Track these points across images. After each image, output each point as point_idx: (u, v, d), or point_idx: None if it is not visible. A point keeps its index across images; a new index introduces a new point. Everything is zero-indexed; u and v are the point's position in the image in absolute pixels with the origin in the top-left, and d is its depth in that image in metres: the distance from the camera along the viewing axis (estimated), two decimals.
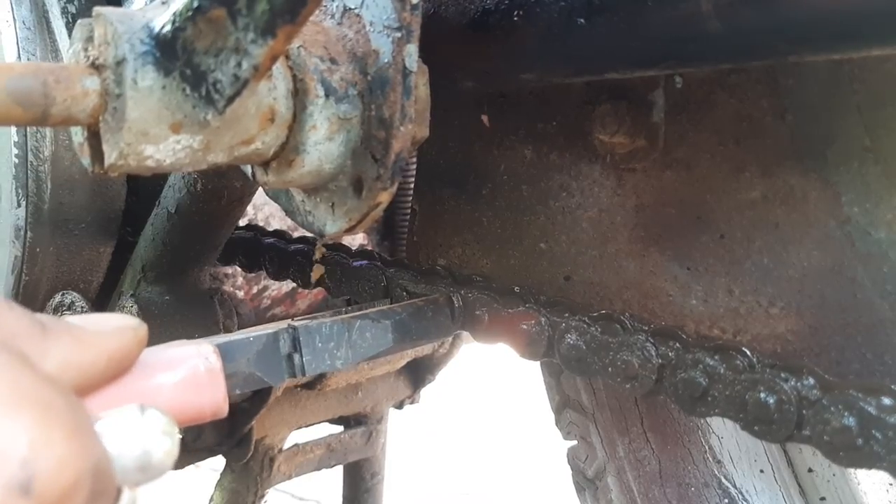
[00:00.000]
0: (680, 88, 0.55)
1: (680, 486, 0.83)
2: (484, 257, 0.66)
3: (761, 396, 0.45)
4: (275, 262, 0.77)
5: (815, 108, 0.51)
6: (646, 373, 0.50)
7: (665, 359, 0.50)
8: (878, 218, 0.50)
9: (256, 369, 0.51)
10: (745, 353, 0.47)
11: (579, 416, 0.95)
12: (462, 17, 0.54)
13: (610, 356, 0.52)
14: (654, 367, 0.50)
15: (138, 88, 0.40)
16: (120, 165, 0.42)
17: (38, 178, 0.78)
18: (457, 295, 0.60)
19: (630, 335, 0.51)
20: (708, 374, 0.48)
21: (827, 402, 0.43)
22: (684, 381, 0.49)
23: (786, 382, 0.45)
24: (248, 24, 0.37)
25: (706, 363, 0.48)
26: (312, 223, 0.53)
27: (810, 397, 0.44)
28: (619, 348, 0.52)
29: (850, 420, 0.42)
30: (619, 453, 0.89)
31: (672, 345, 0.50)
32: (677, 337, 0.50)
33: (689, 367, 0.49)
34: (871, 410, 0.41)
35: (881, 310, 0.50)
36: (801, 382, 0.44)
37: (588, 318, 0.54)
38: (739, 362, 0.47)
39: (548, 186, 0.62)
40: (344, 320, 0.56)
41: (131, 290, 0.78)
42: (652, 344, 0.51)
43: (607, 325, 0.53)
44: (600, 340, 0.53)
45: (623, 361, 0.51)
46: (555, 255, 0.62)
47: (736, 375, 0.47)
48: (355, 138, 0.48)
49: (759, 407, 0.45)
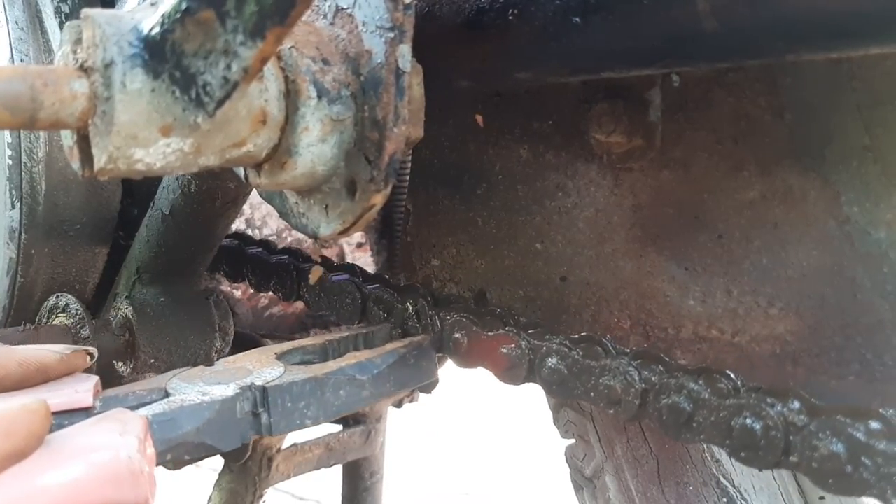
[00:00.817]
0: (677, 87, 0.55)
1: (678, 485, 0.83)
2: (479, 258, 0.65)
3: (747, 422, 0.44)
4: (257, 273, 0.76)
5: (813, 106, 0.51)
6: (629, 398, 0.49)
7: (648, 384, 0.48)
8: (877, 217, 0.49)
9: (208, 437, 0.46)
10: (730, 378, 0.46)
11: (577, 414, 0.94)
12: (457, 16, 0.53)
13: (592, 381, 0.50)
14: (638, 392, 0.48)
15: (127, 91, 0.40)
16: (110, 169, 0.42)
17: (33, 179, 0.78)
18: (435, 317, 0.57)
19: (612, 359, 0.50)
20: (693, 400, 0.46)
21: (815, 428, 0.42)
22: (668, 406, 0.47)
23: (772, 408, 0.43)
24: (237, 26, 0.37)
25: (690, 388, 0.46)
26: (306, 225, 0.52)
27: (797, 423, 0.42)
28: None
29: (839, 447, 0.40)
30: (617, 452, 0.88)
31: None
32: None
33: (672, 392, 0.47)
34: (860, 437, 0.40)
35: (881, 310, 0.49)
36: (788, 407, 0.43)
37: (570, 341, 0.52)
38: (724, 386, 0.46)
39: (544, 186, 0.61)
40: (317, 378, 0.52)
41: (126, 292, 0.77)
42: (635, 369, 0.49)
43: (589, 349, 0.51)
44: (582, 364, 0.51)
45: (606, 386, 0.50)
46: (551, 255, 0.61)
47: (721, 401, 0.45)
48: (349, 140, 0.47)
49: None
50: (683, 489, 0.82)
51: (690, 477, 0.81)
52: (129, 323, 0.76)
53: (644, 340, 0.58)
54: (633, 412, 0.49)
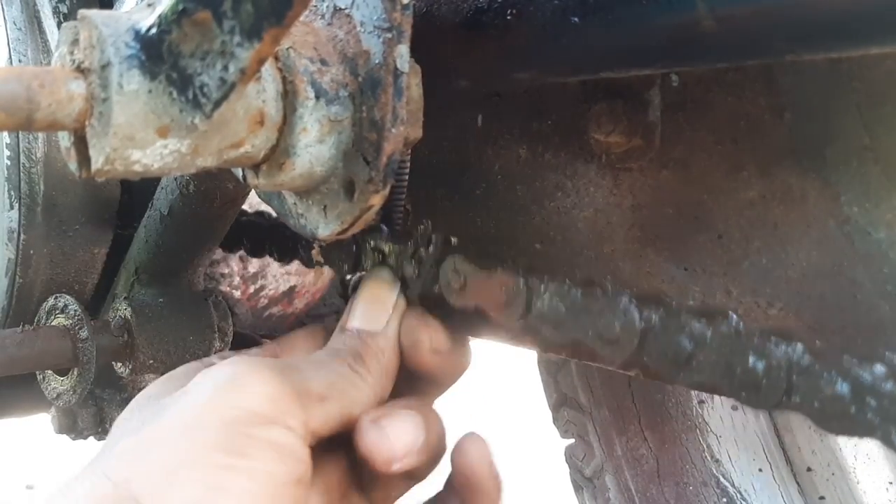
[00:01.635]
0: (677, 87, 0.55)
1: (678, 484, 0.83)
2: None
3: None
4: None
5: (813, 106, 0.51)
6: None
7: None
8: (877, 218, 0.49)
9: None
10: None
11: (577, 413, 0.94)
12: (455, 16, 0.53)
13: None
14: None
15: (124, 92, 0.40)
16: (107, 170, 0.41)
17: (31, 179, 0.78)
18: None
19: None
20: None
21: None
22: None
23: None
24: (234, 27, 0.36)
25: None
26: (305, 226, 0.52)
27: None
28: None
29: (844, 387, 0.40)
30: (617, 452, 0.88)
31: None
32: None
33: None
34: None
35: (881, 311, 0.49)
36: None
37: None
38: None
39: (543, 186, 0.61)
40: None
41: (125, 293, 0.77)
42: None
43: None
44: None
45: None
46: (550, 255, 0.61)
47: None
48: (347, 140, 0.47)
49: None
50: (683, 489, 0.82)
51: (690, 477, 0.81)
52: (127, 324, 0.76)
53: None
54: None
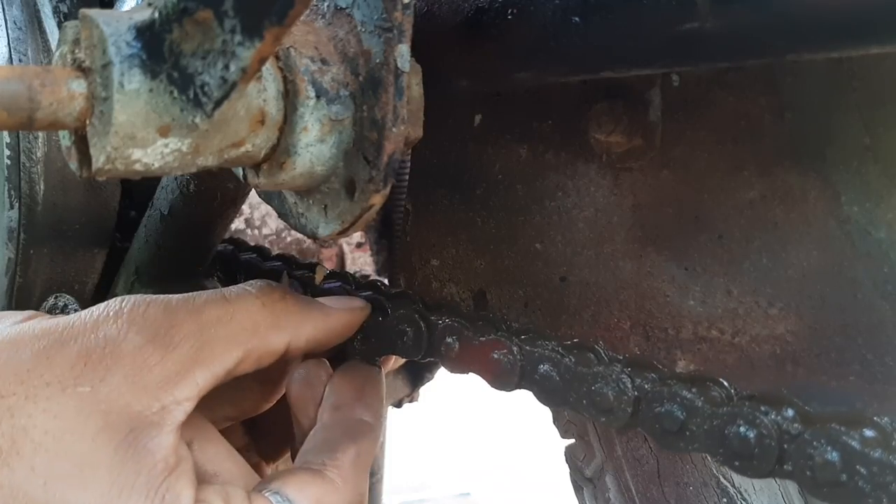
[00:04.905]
0: (677, 87, 0.55)
1: (678, 485, 0.82)
2: (478, 258, 0.65)
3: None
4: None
5: (813, 106, 0.51)
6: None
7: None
8: (878, 217, 0.49)
9: None
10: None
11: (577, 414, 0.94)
12: (456, 16, 0.53)
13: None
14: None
15: (125, 92, 0.40)
16: (108, 170, 0.41)
17: (31, 179, 0.78)
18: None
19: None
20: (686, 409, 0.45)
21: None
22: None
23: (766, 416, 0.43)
24: (235, 26, 0.36)
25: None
26: (305, 225, 0.52)
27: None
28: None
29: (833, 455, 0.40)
30: (617, 452, 0.88)
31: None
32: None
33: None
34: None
35: (882, 310, 0.49)
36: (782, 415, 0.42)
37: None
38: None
39: (543, 186, 0.61)
40: None
41: (125, 293, 0.77)
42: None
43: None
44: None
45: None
46: (550, 255, 0.61)
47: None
48: (347, 140, 0.47)
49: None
50: (683, 489, 0.82)
51: (690, 477, 0.81)
52: None
53: (644, 341, 0.58)
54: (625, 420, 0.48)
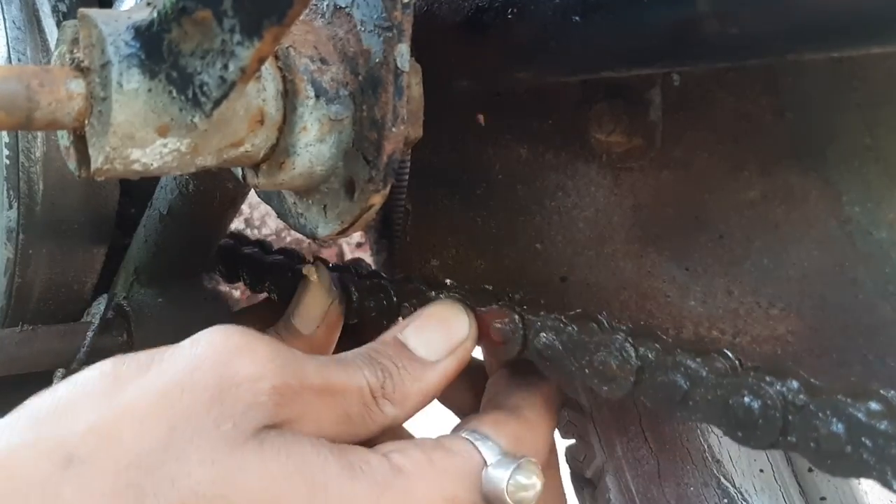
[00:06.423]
0: (677, 86, 0.55)
1: (678, 485, 0.82)
2: (478, 258, 0.65)
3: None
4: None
5: (814, 105, 0.51)
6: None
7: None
8: (879, 217, 0.49)
9: None
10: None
11: (577, 414, 0.94)
12: (456, 15, 0.53)
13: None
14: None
15: (124, 91, 0.39)
16: (106, 170, 0.41)
17: (30, 179, 0.77)
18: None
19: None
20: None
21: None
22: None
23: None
24: (234, 26, 0.36)
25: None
26: (304, 225, 0.52)
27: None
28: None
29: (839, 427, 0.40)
30: (618, 452, 0.88)
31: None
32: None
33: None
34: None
35: (883, 311, 0.49)
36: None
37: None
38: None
39: (543, 186, 0.61)
40: None
41: (124, 293, 0.77)
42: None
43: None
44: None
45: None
46: (550, 255, 0.61)
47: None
48: (347, 139, 0.47)
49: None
50: (684, 490, 0.82)
51: (691, 477, 0.81)
52: (126, 323, 0.75)
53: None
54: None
